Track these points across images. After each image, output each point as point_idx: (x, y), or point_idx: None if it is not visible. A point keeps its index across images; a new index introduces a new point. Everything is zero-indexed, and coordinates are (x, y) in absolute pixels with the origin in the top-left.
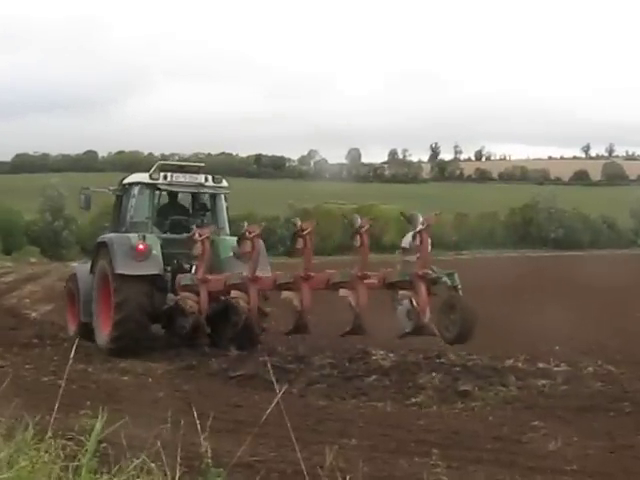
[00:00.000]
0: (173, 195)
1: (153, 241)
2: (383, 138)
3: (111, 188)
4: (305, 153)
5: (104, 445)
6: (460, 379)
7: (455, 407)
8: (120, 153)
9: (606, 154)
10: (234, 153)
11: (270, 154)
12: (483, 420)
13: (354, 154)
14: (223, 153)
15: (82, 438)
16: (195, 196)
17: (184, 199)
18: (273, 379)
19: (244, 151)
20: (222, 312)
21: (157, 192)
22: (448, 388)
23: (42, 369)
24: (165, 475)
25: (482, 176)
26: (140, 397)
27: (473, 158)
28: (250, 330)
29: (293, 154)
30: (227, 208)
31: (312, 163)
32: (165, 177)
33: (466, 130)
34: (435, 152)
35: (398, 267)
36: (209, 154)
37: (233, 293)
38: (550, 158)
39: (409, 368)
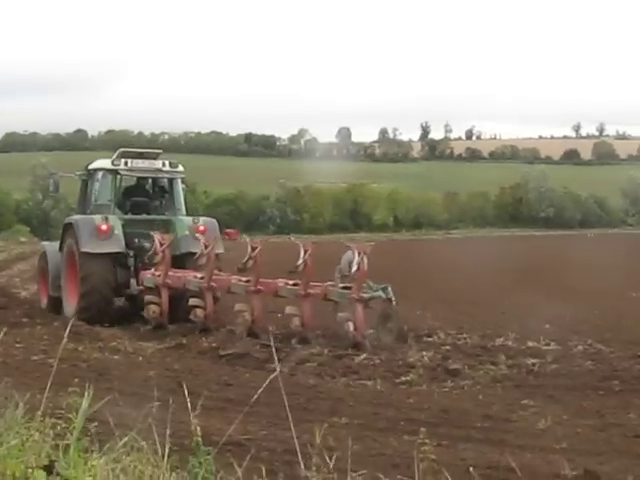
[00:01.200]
0: (134, 179)
1: (115, 222)
2: (373, 117)
3: (77, 173)
4: (295, 132)
5: (95, 424)
6: (450, 358)
7: (445, 386)
8: (110, 132)
9: (597, 133)
10: (224, 132)
11: (260, 133)
12: (473, 399)
13: (344, 133)
14: (213, 132)
15: (70, 416)
16: (154, 180)
17: (145, 182)
18: (275, 358)
19: (234, 130)
20: (178, 296)
21: (119, 177)
22: (438, 367)
23: (32, 348)
24: (155, 453)
25: (472, 155)
26: (130, 376)
27: (464, 137)
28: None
29: (283, 133)
30: (184, 190)
31: (302, 142)
32: (126, 163)
33: (456, 109)
34: (425, 131)
35: (338, 283)
36: (199, 133)
37: (191, 301)
38: (540, 137)
39: (399, 347)
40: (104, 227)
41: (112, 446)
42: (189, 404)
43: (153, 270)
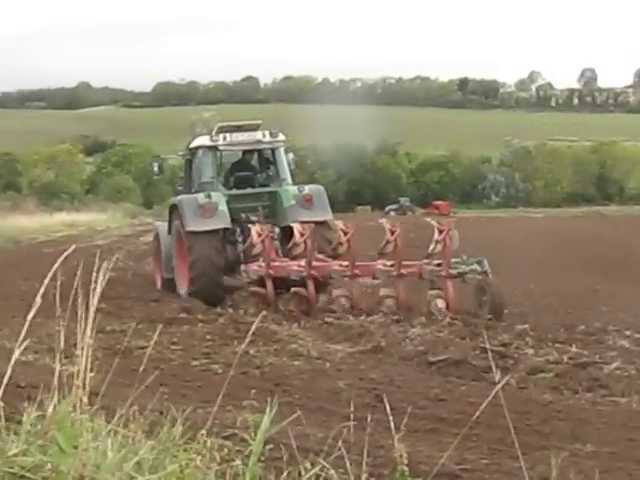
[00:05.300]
0: (239, 154)
1: (219, 198)
2: (627, 55)
3: (180, 153)
4: (524, 76)
5: (270, 446)
6: None
7: None
8: (287, 79)
9: None
10: (432, 77)
11: (479, 78)
12: None
13: (588, 76)
14: (418, 77)
15: (245, 436)
16: (258, 152)
17: (249, 156)
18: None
19: (445, 74)
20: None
21: (218, 153)
22: None
23: (192, 351)
24: None
25: None
26: (315, 387)
27: None
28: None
29: (508, 78)
30: (293, 159)
31: (533, 88)
32: (224, 138)
33: None
34: None
35: (433, 262)
36: (400, 79)
37: (293, 290)
38: None
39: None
40: (207, 204)
41: (293, 474)
42: (391, 423)
43: (260, 262)
